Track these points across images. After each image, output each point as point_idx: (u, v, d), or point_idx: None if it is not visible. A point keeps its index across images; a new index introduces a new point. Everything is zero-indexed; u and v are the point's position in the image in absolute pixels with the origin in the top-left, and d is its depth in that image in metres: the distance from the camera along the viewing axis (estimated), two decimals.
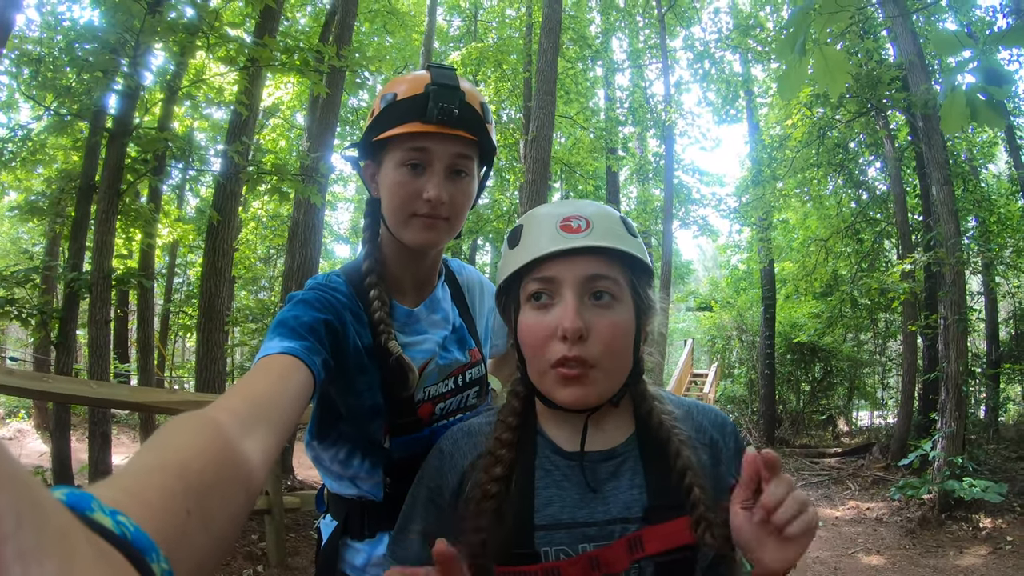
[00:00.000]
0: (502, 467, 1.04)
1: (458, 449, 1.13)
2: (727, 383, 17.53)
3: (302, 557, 5.32)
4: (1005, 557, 6.25)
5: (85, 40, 5.94)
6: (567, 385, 1.00)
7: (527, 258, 1.03)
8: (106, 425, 5.95)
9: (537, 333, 1.02)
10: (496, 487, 1.02)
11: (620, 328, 1.01)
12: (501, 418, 1.11)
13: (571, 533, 1.00)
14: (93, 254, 6.14)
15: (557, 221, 1.03)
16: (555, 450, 1.08)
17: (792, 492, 0.86)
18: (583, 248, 1.00)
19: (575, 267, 1.01)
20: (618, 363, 1.02)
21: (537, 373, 1.04)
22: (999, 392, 11.43)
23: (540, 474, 1.06)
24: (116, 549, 0.36)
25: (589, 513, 1.02)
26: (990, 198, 12.21)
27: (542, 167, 8.86)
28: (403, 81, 1.26)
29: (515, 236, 1.08)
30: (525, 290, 1.05)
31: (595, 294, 1.01)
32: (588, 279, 1.01)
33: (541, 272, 1.02)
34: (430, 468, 1.14)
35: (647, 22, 18.60)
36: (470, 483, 1.06)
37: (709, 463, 1.07)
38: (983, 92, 2.29)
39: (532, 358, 1.04)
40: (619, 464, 1.06)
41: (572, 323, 0.97)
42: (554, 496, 1.04)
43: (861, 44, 9.96)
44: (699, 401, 1.19)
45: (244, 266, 16.54)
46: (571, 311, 0.98)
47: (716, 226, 21.37)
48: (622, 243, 1.03)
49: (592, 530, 1.00)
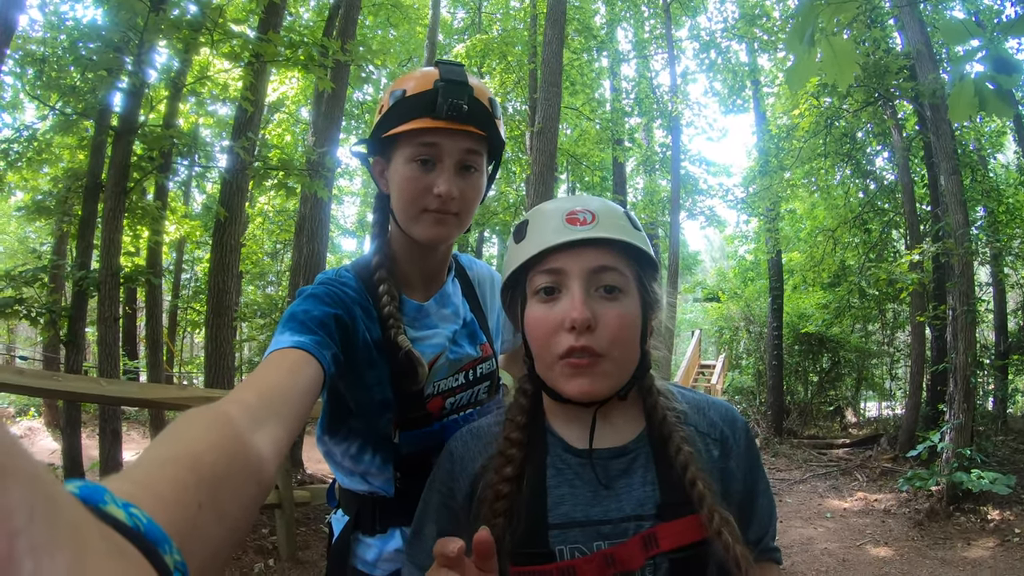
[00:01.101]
0: (513, 467, 1.04)
1: (468, 451, 1.13)
2: (735, 374, 17.50)
3: (312, 551, 5.35)
4: (1013, 549, 6.23)
5: (89, 39, 5.93)
6: (575, 376, 1.00)
7: (534, 250, 1.04)
8: (116, 422, 5.98)
9: (544, 325, 1.03)
10: (508, 487, 1.03)
11: (627, 319, 1.02)
12: (510, 417, 1.11)
13: (585, 531, 1.00)
14: (101, 252, 6.15)
15: (563, 215, 1.04)
16: (566, 448, 1.08)
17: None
18: (589, 240, 1.02)
19: (581, 259, 1.02)
20: (625, 355, 1.03)
21: (545, 366, 1.04)
22: (1007, 383, 11.37)
23: (552, 472, 1.06)
24: (129, 541, 0.36)
25: (603, 511, 1.02)
26: (999, 188, 12.10)
27: (548, 158, 8.85)
28: (412, 77, 1.27)
29: (521, 231, 1.09)
30: (532, 283, 1.06)
31: (602, 286, 1.02)
32: (595, 271, 1.02)
33: (548, 264, 1.04)
34: (441, 471, 1.14)
35: (652, 12, 18.46)
36: (482, 484, 1.07)
37: (719, 457, 1.08)
38: (992, 81, 2.27)
39: (539, 351, 1.04)
40: (631, 461, 1.07)
41: (580, 313, 0.98)
42: (567, 494, 1.04)
43: (868, 33, 9.87)
44: (710, 396, 1.20)
45: (251, 261, 16.58)
46: (579, 301, 0.99)
47: (723, 216, 21.28)
48: (628, 236, 1.04)
49: (606, 528, 1.01)
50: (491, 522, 0.99)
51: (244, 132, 6.93)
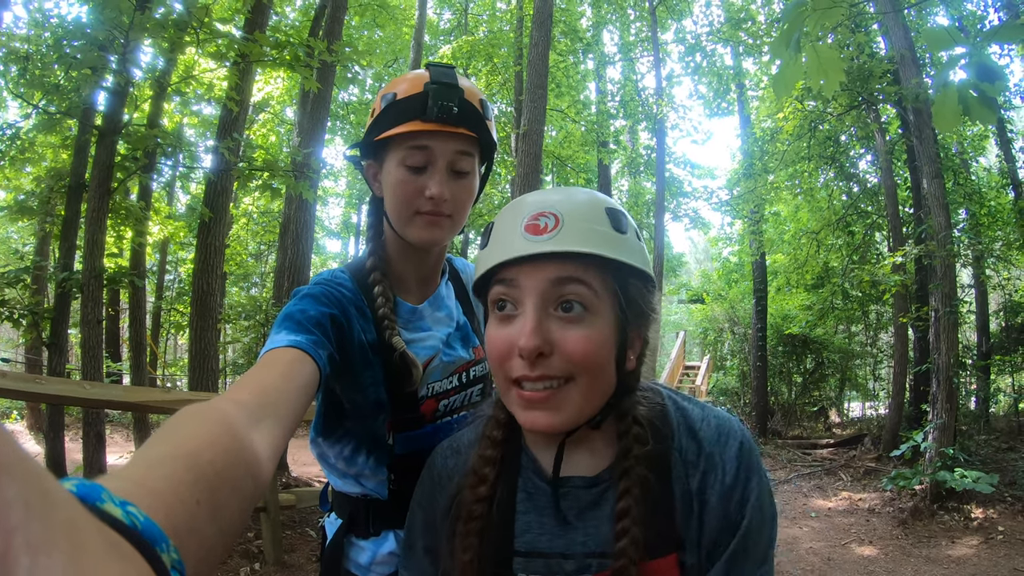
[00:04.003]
0: (486, 486, 0.98)
1: (447, 468, 1.10)
2: (719, 375, 17.59)
3: (298, 554, 5.31)
4: (996, 547, 6.31)
5: (73, 37, 5.86)
6: (529, 408, 0.90)
7: (490, 263, 0.93)
8: (100, 425, 5.92)
9: (496, 348, 0.92)
10: (480, 508, 0.97)
11: (593, 343, 0.88)
12: (486, 432, 1.04)
13: (548, 563, 0.95)
14: (84, 253, 6.08)
15: (523, 220, 0.90)
16: (537, 473, 1.01)
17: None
18: (547, 254, 0.88)
19: (538, 273, 0.89)
20: (595, 382, 0.90)
21: (502, 390, 0.95)
22: (990, 383, 11.49)
23: (522, 496, 1.00)
24: (126, 539, 0.36)
25: (567, 544, 0.95)
26: (981, 191, 12.26)
27: (534, 160, 8.86)
28: (403, 80, 1.27)
29: (485, 235, 0.99)
30: (491, 296, 0.96)
31: (563, 304, 0.89)
32: (553, 285, 0.88)
33: (503, 274, 0.92)
34: (424, 488, 1.12)
35: (638, 15, 18.54)
36: (456, 502, 1.02)
37: (697, 490, 0.94)
38: (975, 88, 2.29)
39: (496, 372, 0.95)
40: (602, 492, 0.96)
41: (528, 340, 0.86)
42: (533, 522, 0.98)
43: (852, 38, 9.97)
44: (712, 409, 1.02)
45: (236, 262, 16.51)
46: (529, 327, 0.87)
47: (708, 219, 21.43)
48: (598, 244, 0.88)
49: (570, 563, 0.94)
50: (464, 542, 0.96)
51: (229, 132, 6.88)
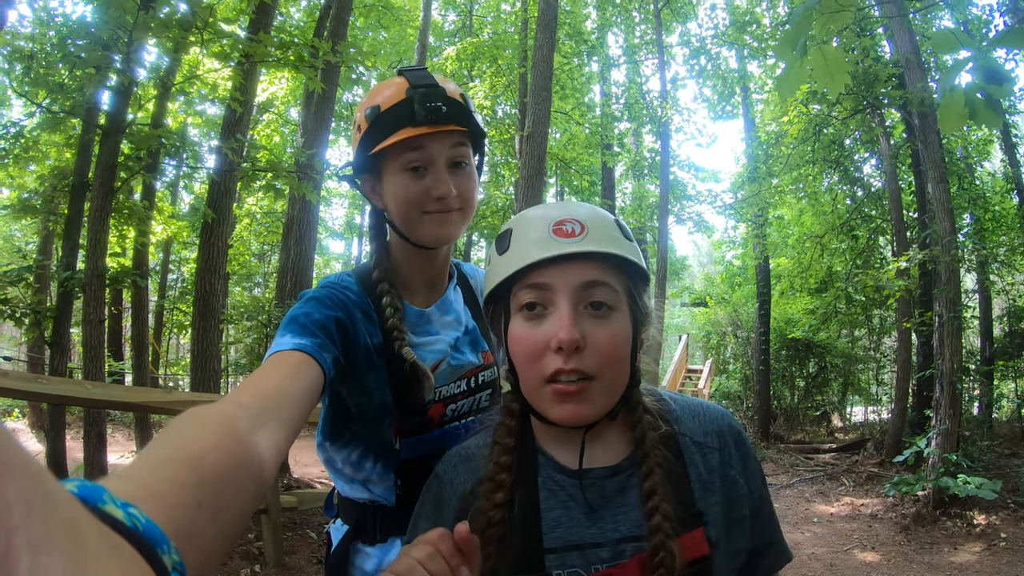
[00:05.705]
0: (504, 492, 0.99)
1: (456, 475, 1.09)
2: (722, 379, 17.60)
3: (299, 556, 5.31)
4: (999, 554, 6.28)
5: (78, 36, 5.88)
6: (563, 402, 0.94)
7: (518, 264, 0.97)
8: (101, 424, 5.92)
9: (529, 346, 0.96)
10: (500, 513, 0.98)
11: (618, 338, 0.95)
12: (497, 439, 1.06)
13: (583, 554, 0.96)
14: (87, 252, 6.09)
15: (549, 225, 0.97)
16: (558, 468, 1.03)
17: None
18: (578, 254, 0.95)
19: (570, 274, 0.95)
20: (617, 375, 0.97)
21: (530, 388, 0.98)
22: (993, 389, 11.45)
23: (545, 494, 1.01)
24: (127, 541, 0.36)
25: (599, 532, 0.97)
26: (985, 196, 12.26)
27: (537, 163, 8.86)
28: (380, 92, 1.28)
29: (503, 241, 1.02)
30: (516, 299, 0.99)
31: (592, 303, 0.95)
32: (584, 287, 0.95)
33: (532, 279, 0.96)
34: (430, 496, 1.11)
35: (643, 17, 18.59)
36: (472, 510, 1.01)
37: (718, 465, 1.03)
38: (981, 91, 2.28)
39: (525, 372, 0.98)
40: (626, 479, 1.01)
41: (568, 334, 0.91)
42: (561, 517, 0.99)
43: (858, 41, 9.96)
44: (702, 401, 1.13)
45: (239, 263, 16.52)
46: (567, 321, 0.92)
47: (711, 222, 21.54)
48: (619, 248, 0.97)
49: (604, 551, 0.96)
50: (485, 551, 0.95)
51: (233, 132, 6.89)
